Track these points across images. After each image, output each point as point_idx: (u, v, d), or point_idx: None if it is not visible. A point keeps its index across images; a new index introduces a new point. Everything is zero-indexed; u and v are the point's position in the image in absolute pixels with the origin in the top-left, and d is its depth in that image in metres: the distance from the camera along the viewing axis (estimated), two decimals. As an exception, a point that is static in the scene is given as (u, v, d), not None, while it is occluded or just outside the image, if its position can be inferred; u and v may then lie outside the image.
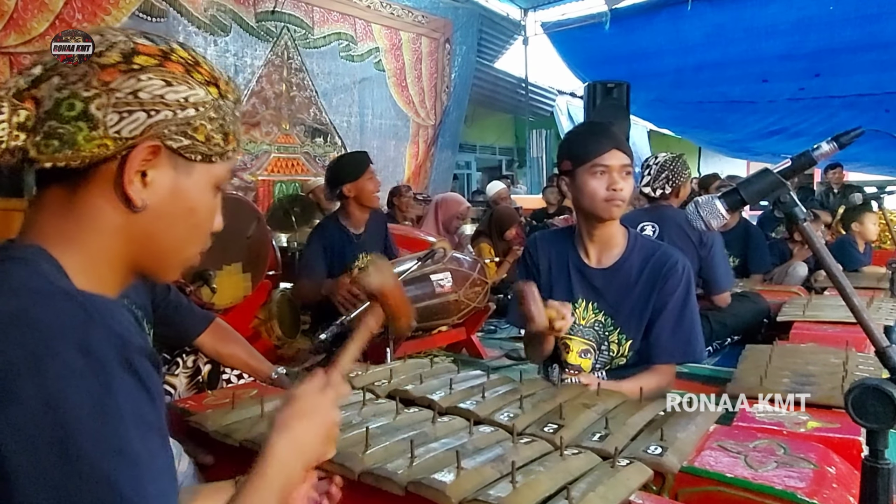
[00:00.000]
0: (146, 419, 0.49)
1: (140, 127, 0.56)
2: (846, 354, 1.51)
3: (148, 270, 0.63)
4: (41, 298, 0.50)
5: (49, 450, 0.44)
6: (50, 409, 0.45)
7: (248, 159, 5.22)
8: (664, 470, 0.91)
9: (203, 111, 0.59)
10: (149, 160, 0.57)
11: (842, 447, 1.01)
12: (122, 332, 0.50)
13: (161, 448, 0.50)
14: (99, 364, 0.47)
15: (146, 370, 0.50)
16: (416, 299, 2.47)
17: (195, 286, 2.09)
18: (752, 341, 1.97)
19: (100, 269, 0.58)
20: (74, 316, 0.49)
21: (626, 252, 1.49)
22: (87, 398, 0.46)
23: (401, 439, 0.99)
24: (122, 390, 0.48)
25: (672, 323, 1.42)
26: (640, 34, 6.97)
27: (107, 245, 0.58)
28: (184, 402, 1.36)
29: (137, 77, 0.56)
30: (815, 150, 0.83)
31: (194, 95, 0.59)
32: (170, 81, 0.57)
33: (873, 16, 5.62)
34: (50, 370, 0.45)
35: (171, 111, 0.57)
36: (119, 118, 0.55)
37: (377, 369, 1.46)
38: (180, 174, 0.60)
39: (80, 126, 0.54)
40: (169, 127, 0.57)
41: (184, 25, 4.55)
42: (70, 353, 0.46)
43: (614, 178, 1.40)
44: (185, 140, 0.58)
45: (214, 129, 0.60)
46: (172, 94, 0.57)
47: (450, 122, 7.21)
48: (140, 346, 0.50)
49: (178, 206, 0.60)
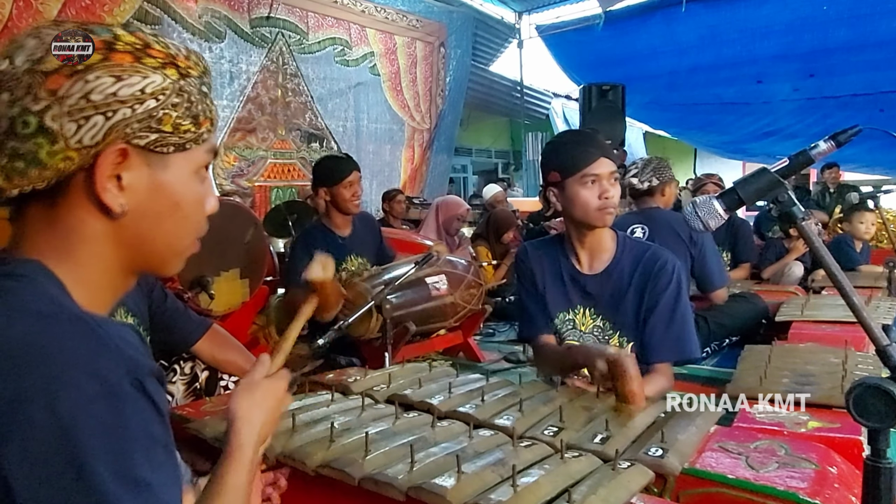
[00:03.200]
0: (155, 437, 0.49)
1: (100, 132, 0.52)
2: (845, 354, 1.51)
3: (148, 269, 0.61)
4: (51, 324, 0.48)
5: (61, 477, 0.44)
6: (63, 436, 0.44)
7: (245, 165, 5.22)
8: (665, 472, 0.90)
9: (164, 99, 0.54)
10: (119, 163, 0.54)
11: (843, 447, 1.01)
12: (131, 354, 0.49)
13: (169, 463, 0.51)
14: (110, 389, 0.47)
15: (155, 389, 0.50)
16: (413, 303, 2.47)
17: (193, 292, 2.08)
18: (750, 342, 1.97)
19: (96, 278, 0.57)
20: (85, 341, 0.48)
21: (617, 255, 1.49)
22: (99, 425, 0.45)
23: (400, 444, 0.99)
24: (134, 413, 0.48)
25: (664, 322, 1.42)
26: (635, 36, 7.00)
27: (99, 254, 0.56)
28: (181, 409, 1.35)
29: (84, 79, 0.51)
30: (813, 149, 0.83)
31: (150, 84, 0.54)
32: (119, 76, 0.52)
33: (867, 15, 5.65)
34: (63, 398, 0.45)
35: (128, 108, 0.53)
36: (77, 127, 0.51)
37: (376, 374, 1.46)
38: (156, 170, 0.56)
39: (39, 143, 0.51)
40: (131, 125, 0.53)
41: (178, 32, 4.55)
42: (82, 379, 0.46)
43: (605, 186, 1.41)
44: (151, 135, 0.54)
45: (181, 115, 0.56)
46: (126, 88, 0.52)
47: (445, 126, 7.22)
48: (149, 366, 0.50)
49: (162, 202, 0.57)
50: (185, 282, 2.05)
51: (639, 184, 2.63)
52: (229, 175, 5.08)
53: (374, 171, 6.43)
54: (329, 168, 2.53)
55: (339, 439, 1.02)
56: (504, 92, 8.89)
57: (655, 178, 2.63)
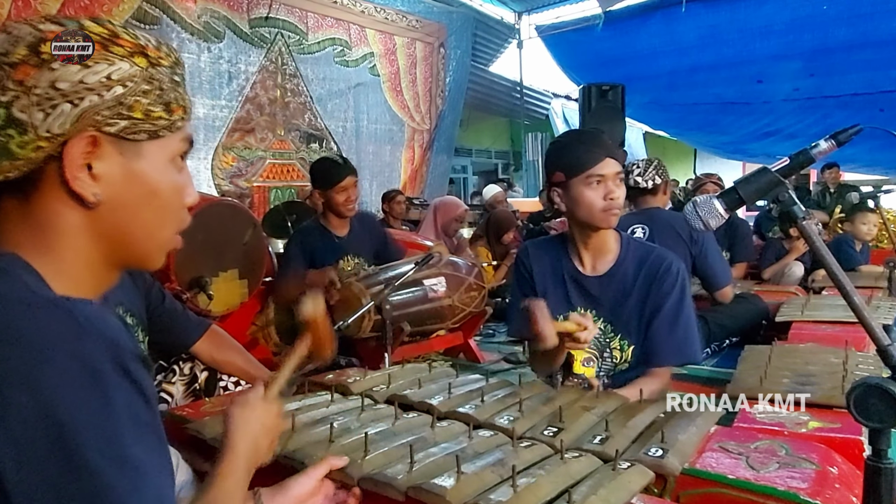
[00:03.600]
0: (142, 422, 0.49)
1: (68, 119, 0.52)
2: (846, 354, 1.50)
3: (128, 262, 0.61)
4: (27, 309, 0.48)
5: (47, 459, 0.44)
6: (46, 418, 0.44)
7: (244, 165, 5.22)
8: (665, 472, 0.90)
9: (133, 86, 0.54)
10: (91, 151, 0.54)
11: (843, 447, 1.01)
12: (113, 336, 0.49)
13: (157, 449, 0.50)
14: (93, 371, 0.46)
15: (140, 373, 0.49)
16: (410, 304, 2.46)
17: (192, 293, 2.08)
18: (750, 342, 1.96)
19: (76, 271, 0.56)
20: (64, 324, 0.47)
21: (620, 257, 1.48)
22: (83, 405, 0.45)
23: (400, 444, 0.98)
24: (118, 395, 0.47)
25: (668, 325, 1.41)
26: (635, 36, 7.00)
27: (76, 247, 0.56)
28: (181, 409, 1.34)
29: (50, 67, 0.51)
30: (814, 148, 0.82)
31: (117, 71, 0.54)
32: (87, 63, 0.52)
33: (867, 15, 5.65)
34: (44, 380, 0.45)
35: (96, 95, 0.53)
36: (45, 115, 0.51)
37: (375, 374, 1.45)
38: (129, 158, 0.56)
39: (9, 134, 0.51)
40: (100, 112, 0.53)
41: (177, 32, 4.55)
42: (63, 361, 0.45)
43: (610, 186, 1.40)
44: (122, 122, 0.54)
45: (152, 102, 0.56)
46: (92, 75, 0.52)
47: (445, 127, 7.23)
48: (132, 349, 0.50)
49: (137, 191, 0.57)
50: (183, 282, 2.05)
51: (643, 182, 2.63)
52: (228, 175, 5.08)
53: (374, 171, 6.43)
54: (323, 172, 2.54)
55: (339, 439, 1.01)
56: (504, 92, 8.89)
57: (658, 177, 2.64)
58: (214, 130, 4.93)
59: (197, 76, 4.72)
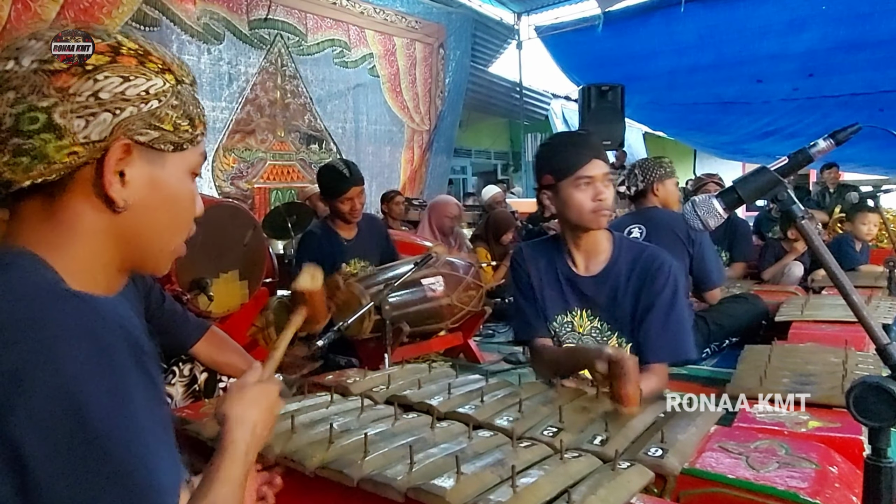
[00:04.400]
0: (154, 410, 0.51)
1: (108, 128, 0.55)
2: (845, 353, 1.50)
3: (139, 266, 0.63)
4: (51, 299, 0.50)
5: (68, 439, 0.45)
6: (67, 400, 0.46)
7: (244, 167, 5.22)
8: (665, 472, 0.90)
9: (165, 100, 0.58)
10: (123, 158, 0.57)
11: (843, 446, 1.01)
12: (131, 329, 0.51)
13: (168, 439, 0.52)
14: (112, 358, 0.48)
15: (154, 370, 0.52)
16: (408, 304, 2.46)
17: (192, 294, 2.08)
18: (750, 342, 1.96)
19: (91, 272, 0.58)
20: (86, 314, 0.50)
21: (613, 257, 1.49)
22: (103, 389, 0.47)
23: (400, 445, 0.98)
24: (134, 382, 0.49)
25: (660, 322, 1.41)
26: (634, 37, 7.01)
27: (95, 248, 0.58)
28: (181, 410, 1.34)
29: (94, 78, 0.54)
30: (812, 147, 0.82)
31: (154, 86, 0.58)
32: (126, 76, 0.56)
33: (866, 14, 5.66)
34: (66, 363, 0.46)
35: (134, 107, 0.56)
36: (85, 123, 0.54)
37: (375, 375, 1.45)
38: (155, 167, 0.59)
39: (46, 138, 0.53)
40: (136, 122, 0.56)
41: (177, 34, 4.56)
42: (84, 347, 0.47)
43: (599, 188, 1.41)
44: (153, 132, 0.58)
45: (179, 116, 0.60)
46: (132, 88, 0.56)
47: (444, 127, 7.23)
48: (147, 346, 0.52)
49: (159, 198, 0.60)
50: (184, 283, 2.05)
51: (626, 190, 2.63)
52: (228, 177, 5.09)
53: (374, 172, 6.43)
54: (327, 183, 2.53)
55: (338, 440, 1.01)
56: (503, 93, 8.90)
57: (640, 182, 2.62)
58: (215, 132, 4.93)
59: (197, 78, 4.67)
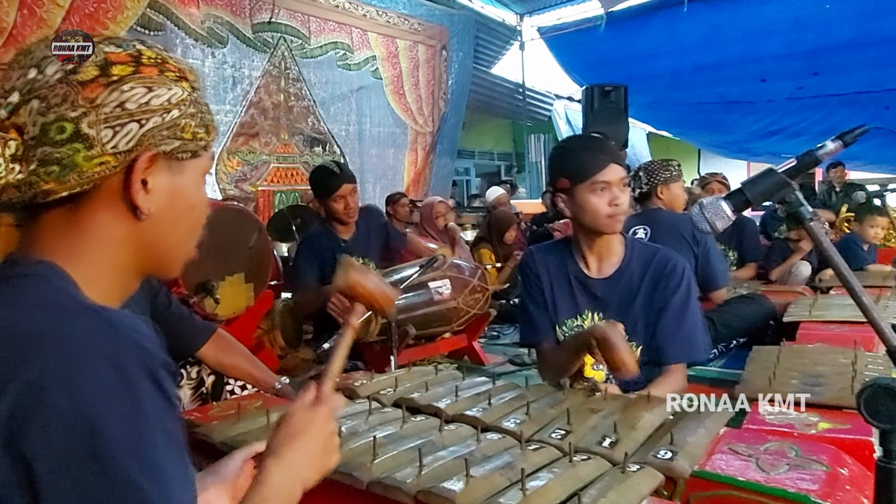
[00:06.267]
0: (170, 431, 0.50)
1: (135, 138, 0.56)
2: (855, 354, 1.49)
3: (154, 272, 0.64)
4: (68, 314, 0.50)
5: (81, 460, 0.45)
6: (82, 420, 0.45)
7: (248, 170, 5.23)
8: (675, 475, 0.90)
9: (184, 109, 0.59)
10: (147, 168, 0.57)
11: (854, 448, 1.00)
12: (146, 345, 0.51)
13: (182, 459, 0.52)
14: (128, 377, 0.48)
15: (167, 382, 0.51)
16: (415, 307, 2.46)
17: (198, 297, 2.08)
18: (758, 343, 1.95)
19: (109, 279, 0.59)
20: (102, 330, 0.49)
21: (626, 259, 1.48)
22: (117, 410, 0.47)
23: (408, 448, 0.98)
24: (150, 403, 0.49)
25: (674, 324, 1.42)
26: (637, 36, 6.98)
27: (115, 255, 0.59)
28: (189, 413, 1.35)
29: (120, 89, 0.55)
30: (820, 149, 0.82)
31: (174, 96, 0.58)
32: (150, 87, 0.57)
33: (870, 13, 5.63)
34: (82, 383, 0.46)
35: (159, 117, 0.57)
36: (113, 133, 0.55)
37: (382, 378, 1.46)
38: (175, 175, 0.60)
39: (76, 147, 0.54)
40: (161, 132, 0.57)
41: (181, 38, 4.57)
42: (101, 366, 0.47)
43: (615, 192, 1.40)
44: (176, 142, 0.59)
45: (197, 125, 0.61)
46: (156, 99, 0.57)
47: (448, 129, 7.22)
48: (160, 358, 0.51)
49: (179, 206, 0.61)
50: (190, 286, 2.06)
51: (631, 192, 2.62)
52: (232, 179, 5.10)
53: (378, 174, 6.43)
54: (318, 182, 2.55)
55: (347, 443, 1.01)
56: (506, 94, 8.89)
57: (645, 183, 2.62)
58: (219, 135, 4.93)
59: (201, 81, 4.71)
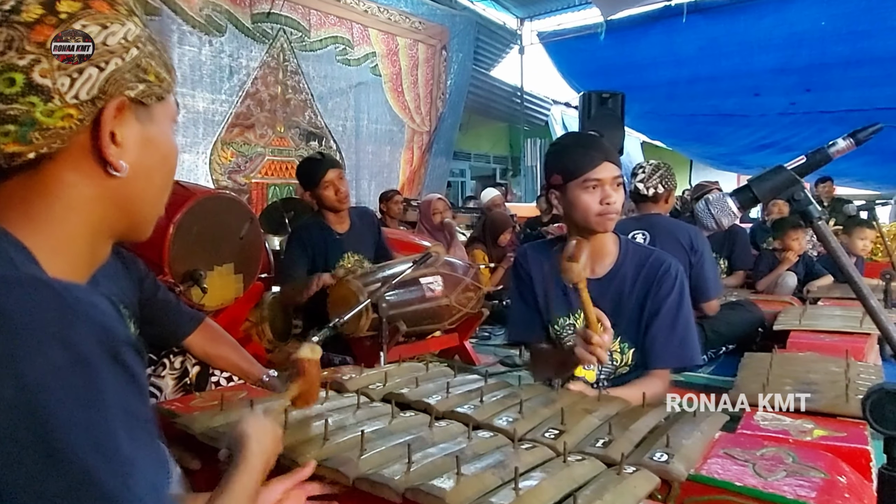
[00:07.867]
0: (135, 413, 0.45)
1: (96, 84, 0.49)
2: (846, 363, 1.49)
3: (126, 234, 0.58)
4: (11, 287, 0.44)
5: (32, 455, 0.40)
6: (31, 409, 0.40)
7: (242, 161, 5.18)
8: (671, 478, 0.88)
9: (143, 48, 0.52)
10: (115, 117, 0.51)
11: (850, 456, 0.99)
12: (105, 321, 0.45)
13: (150, 443, 0.47)
14: (82, 358, 0.43)
15: (133, 361, 0.46)
16: (406, 303, 2.43)
17: (185, 286, 2.04)
18: (746, 350, 1.96)
19: (77, 246, 0.53)
20: (51, 306, 0.44)
21: (619, 260, 1.47)
22: (70, 395, 0.41)
23: (397, 444, 0.95)
24: (109, 384, 0.43)
25: (666, 328, 1.41)
26: (635, 46, 7.04)
27: (83, 220, 0.53)
28: (170, 403, 1.31)
29: (71, 27, 0.48)
30: (831, 147, 0.81)
31: (129, 32, 0.51)
32: (104, 24, 0.49)
33: (864, 32, 5.71)
34: (29, 367, 0.41)
35: (118, 58, 0.50)
36: (71, 81, 0.48)
37: (371, 372, 1.42)
38: (145, 124, 0.54)
39: (31, 101, 0.47)
40: (123, 75, 0.51)
41: (178, 24, 4.52)
42: (50, 347, 0.42)
43: (607, 191, 1.39)
44: (140, 85, 0.52)
45: (158, 64, 0.54)
46: (111, 37, 0.50)
47: (445, 129, 7.21)
48: (124, 335, 0.46)
49: (152, 157, 0.55)
50: (177, 275, 2.01)
51: (644, 189, 2.62)
52: (226, 171, 5.04)
53: (373, 171, 6.40)
54: (304, 172, 2.53)
55: (334, 437, 0.98)
56: (504, 97, 8.90)
57: (661, 186, 2.62)
58: (214, 125, 4.88)
59: (197, 69, 4.67)
